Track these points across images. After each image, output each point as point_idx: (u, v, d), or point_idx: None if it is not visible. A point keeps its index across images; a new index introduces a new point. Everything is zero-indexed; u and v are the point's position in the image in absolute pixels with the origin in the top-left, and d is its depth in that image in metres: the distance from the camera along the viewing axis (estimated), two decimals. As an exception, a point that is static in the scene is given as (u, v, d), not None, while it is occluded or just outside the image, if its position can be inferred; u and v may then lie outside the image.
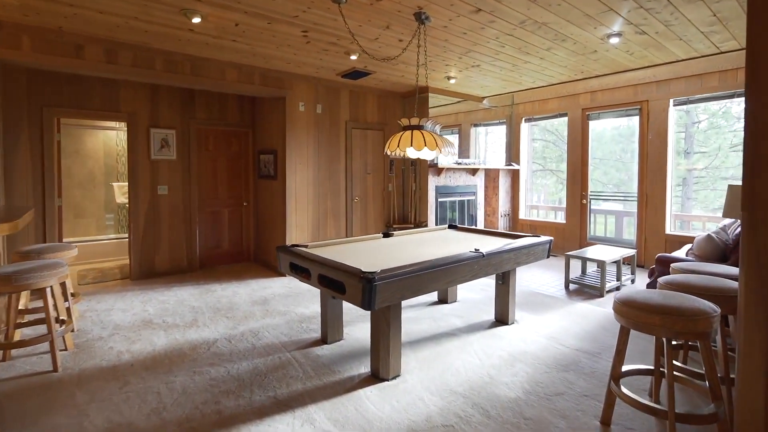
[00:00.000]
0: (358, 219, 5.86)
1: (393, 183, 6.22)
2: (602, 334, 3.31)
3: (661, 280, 2.42)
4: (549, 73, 5.37)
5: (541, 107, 6.99)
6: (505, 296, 3.51)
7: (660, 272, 3.75)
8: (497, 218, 6.98)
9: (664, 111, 5.58)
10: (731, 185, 2.97)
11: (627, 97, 5.91)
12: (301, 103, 5.27)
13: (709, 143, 9.96)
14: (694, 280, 2.32)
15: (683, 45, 4.19)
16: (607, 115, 6.32)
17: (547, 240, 3.53)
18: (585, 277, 4.81)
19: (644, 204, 5.77)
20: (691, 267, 2.71)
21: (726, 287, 2.18)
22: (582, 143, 6.47)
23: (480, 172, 6.84)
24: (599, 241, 6.32)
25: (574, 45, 4.16)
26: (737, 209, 2.89)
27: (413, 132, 3.04)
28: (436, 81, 5.78)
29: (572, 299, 4.26)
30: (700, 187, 9.88)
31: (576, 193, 6.50)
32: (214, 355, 2.89)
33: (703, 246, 3.65)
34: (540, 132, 12.21)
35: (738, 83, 4.96)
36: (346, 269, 2.36)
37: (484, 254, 2.88)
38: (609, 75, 5.62)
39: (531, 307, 3.97)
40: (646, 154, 5.76)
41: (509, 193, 7.31)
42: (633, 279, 4.94)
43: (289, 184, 5.15)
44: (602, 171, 11.58)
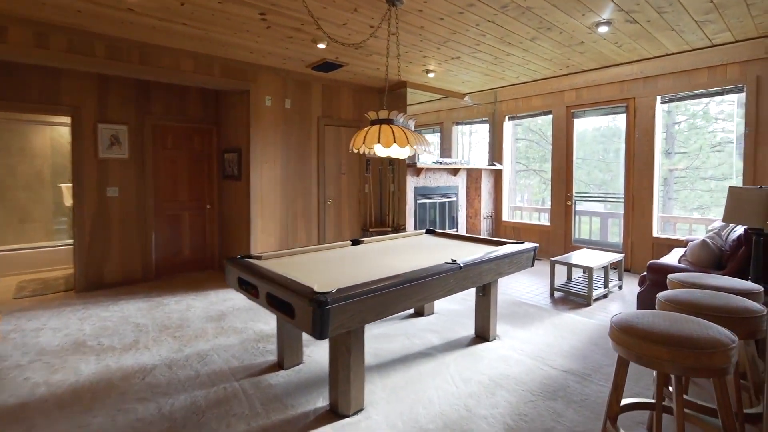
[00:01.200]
0: (332, 222, 5.46)
1: (370, 184, 5.85)
2: (591, 350, 3.01)
3: (662, 297, 2.11)
4: (533, 67, 5.07)
5: (525, 105, 6.71)
6: (486, 309, 3.18)
7: (652, 281, 3.47)
8: (480, 220, 6.68)
9: (651, 109, 5.35)
10: (732, 187, 2.69)
11: (613, 94, 5.67)
12: (268, 97, 4.85)
13: (690, 144, 9.94)
14: (700, 297, 2.01)
15: (674, 36, 3.93)
16: (592, 113, 6.07)
17: (532, 247, 3.21)
18: (571, 284, 4.53)
19: (631, 205, 5.53)
20: (692, 279, 2.41)
21: (740, 307, 1.88)
22: (567, 142, 6.21)
23: (462, 173, 6.53)
24: (584, 244, 6.08)
25: (559, 35, 3.86)
26: (741, 214, 2.61)
27: (381, 127, 2.67)
28: (414, 75, 5.43)
29: (558, 309, 3.96)
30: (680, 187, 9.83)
31: (561, 194, 6.24)
32: (148, 386, 2.46)
33: (697, 252, 3.39)
34: (523, 132, 12.02)
35: (728, 79, 4.75)
36: (295, 288, 1.97)
37: (461, 265, 2.54)
38: (595, 70, 5.36)
39: (514, 319, 3.65)
40: (633, 154, 5.52)
41: (492, 195, 7.02)
42: (620, 285, 4.68)
43: (253, 184, 4.73)
44: (585, 171, 11.45)
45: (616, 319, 1.75)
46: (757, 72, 4.53)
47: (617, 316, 1.78)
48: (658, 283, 3.42)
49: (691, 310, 1.94)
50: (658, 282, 3.42)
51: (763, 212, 2.54)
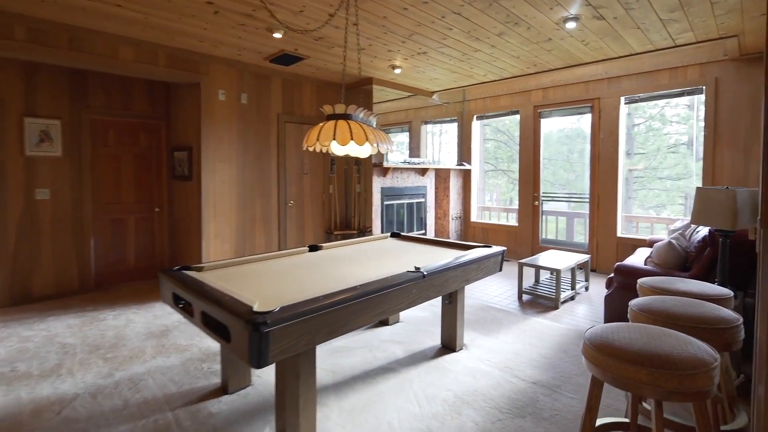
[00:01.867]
0: (294, 226, 5.16)
1: (334, 184, 5.58)
2: (560, 358, 2.88)
3: (635, 306, 1.98)
4: (501, 65, 4.96)
5: (493, 104, 6.64)
6: (453, 318, 3.00)
7: (619, 283, 3.40)
8: (448, 221, 6.54)
9: (615, 109, 5.37)
10: (700, 189, 2.63)
11: (579, 94, 5.67)
12: (222, 91, 4.50)
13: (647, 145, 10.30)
14: (674, 306, 1.89)
15: (640, 35, 3.90)
16: (559, 113, 6.07)
17: (500, 251, 3.06)
18: (539, 287, 4.44)
19: (596, 205, 5.54)
20: (662, 285, 2.31)
21: (716, 317, 1.76)
22: (534, 142, 6.17)
23: (430, 173, 6.37)
24: (551, 245, 6.05)
25: (527, 30, 3.74)
26: (709, 216, 2.54)
27: (338, 122, 2.43)
28: (380, 71, 5.22)
29: (526, 313, 3.84)
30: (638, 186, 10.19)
31: (528, 195, 6.20)
32: (63, 422, 2.11)
33: (663, 254, 3.34)
34: (492, 132, 12.06)
35: (688, 81, 4.81)
36: (231, 307, 1.70)
37: (424, 274, 2.33)
38: (562, 70, 5.32)
39: (482, 325, 3.49)
40: (598, 154, 5.53)
41: (461, 195, 6.90)
42: (587, 286, 4.64)
43: (205, 185, 4.36)
44: (551, 171, 11.64)
45: (590, 335, 1.59)
46: (716, 74, 4.61)
47: (591, 331, 1.62)
48: (626, 285, 3.35)
49: (666, 320, 1.81)
50: (626, 284, 3.35)
51: (731, 214, 2.48)
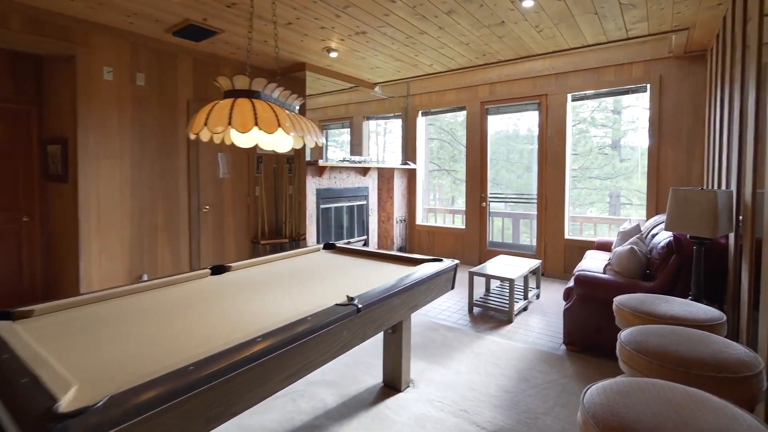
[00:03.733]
0: (210, 235, 4.33)
1: (261, 186, 4.82)
2: (522, 391, 2.44)
3: (627, 344, 1.54)
4: (448, 52, 4.51)
5: (439, 99, 6.22)
6: (397, 351, 2.44)
7: (580, 295, 3.05)
8: (392, 225, 6.03)
9: (562, 106, 5.15)
10: (676, 189, 2.29)
11: (526, 90, 5.40)
12: (108, 69, 3.58)
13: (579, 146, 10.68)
14: (676, 344, 1.47)
15: (595, 23, 3.61)
16: (506, 110, 5.78)
17: (451, 267, 2.55)
18: (490, 297, 4.04)
19: (544, 206, 5.30)
20: (644, 307, 1.92)
21: (734, 360, 1.35)
22: (481, 140, 5.83)
23: (372, 172, 5.80)
24: (499, 248, 5.76)
25: (480, 9, 3.29)
26: (687, 221, 2.21)
27: (236, 101, 1.75)
28: (314, 54, 4.55)
29: (479, 330, 3.40)
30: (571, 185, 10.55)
31: (475, 196, 5.86)
32: None
33: (625, 262, 3.04)
34: (436, 131, 11.84)
35: (632, 78, 4.68)
36: (15, 403, 0.98)
37: (359, 307, 1.74)
38: (510, 64, 5.00)
39: (431, 351, 2.98)
40: (545, 153, 5.29)
41: (405, 196, 6.42)
42: (538, 294, 4.34)
43: (85, 188, 3.43)
44: (495, 171, 11.63)
45: (595, 414, 1.08)
46: (660, 71, 4.50)
47: (593, 405, 1.12)
48: (587, 297, 3.00)
49: (676, 367, 1.38)
50: (587, 296, 3.01)
51: (711, 219, 2.16)
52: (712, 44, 3.84)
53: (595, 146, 10.66)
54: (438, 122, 11.14)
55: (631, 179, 9.67)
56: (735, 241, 2.39)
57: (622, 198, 10.37)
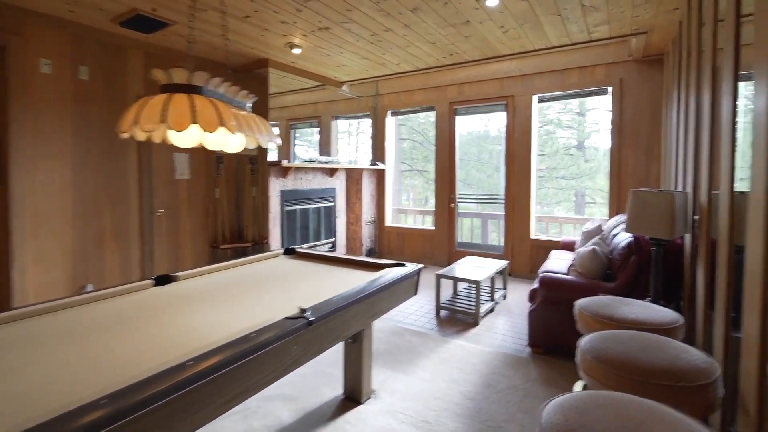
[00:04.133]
0: (165, 240, 4.08)
1: (222, 187, 4.60)
2: (486, 397, 2.38)
3: (587, 352, 1.50)
4: (415, 51, 4.44)
5: (408, 99, 6.16)
6: (358, 360, 2.33)
7: (544, 297, 3.04)
8: (361, 226, 5.92)
9: (528, 108, 5.19)
10: (636, 191, 2.30)
11: (494, 91, 5.42)
12: (45, 61, 3.29)
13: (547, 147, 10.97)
14: (635, 351, 1.43)
15: (559, 25, 3.62)
16: (475, 111, 5.79)
17: (414, 271, 2.46)
18: (458, 299, 4.00)
19: (512, 207, 5.33)
20: (605, 311, 1.89)
21: (690, 367, 1.33)
22: (449, 140, 5.81)
23: (340, 173, 5.67)
24: (467, 248, 5.75)
25: (444, 7, 3.22)
26: (647, 223, 2.21)
27: (173, 97, 1.60)
28: (277, 50, 4.38)
29: (445, 334, 3.35)
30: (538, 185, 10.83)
31: (444, 196, 5.83)
32: None
33: (588, 263, 3.05)
34: (408, 132, 11.82)
35: (595, 81, 4.76)
36: None
37: (311, 320, 1.62)
38: (477, 64, 5.00)
39: (395, 357, 2.89)
40: (513, 153, 5.32)
41: (375, 197, 6.32)
42: (505, 294, 4.33)
43: (18, 190, 3.13)
44: (465, 171, 11.75)
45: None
46: (621, 74, 4.60)
47: (550, 425, 1.05)
48: (552, 299, 3.00)
49: (634, 377, 1.34)
50: (552, 298, 3.00)
51: (669, 220, 2.17)
52: (669, 48, 3.94)
53: (561, 147, 10.96)
54: (410, 122, 11.12)
55: (595, 179, 9.96)
56: (691, 241, 2.43)
57: (587, 197, 10.68)
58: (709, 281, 2.02)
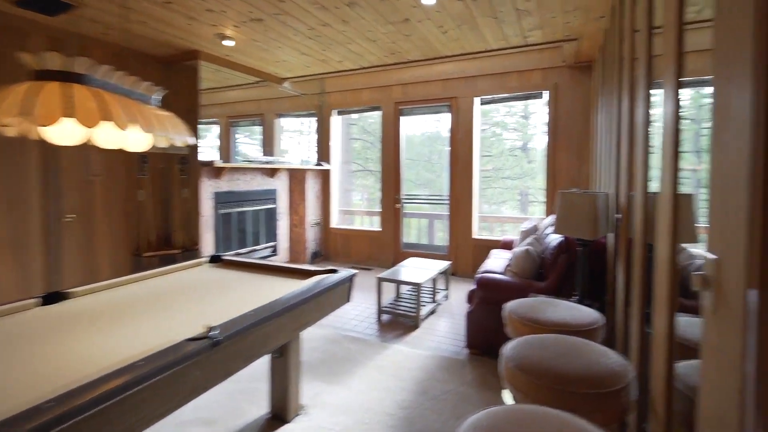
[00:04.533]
0: (75, 249, 3.65)
1: (147, 189, 4.22)
2: (420, 404, 2.32)
3: (509, 360, 1.46)
4: (356, 49, 4.34)
5: (354, 98, 6.04)
6: (285, 376, 2.18)
7: (481, 298, 3.04)
8: (305, 229, 5.72)
9: (470, 109, 5.26)
10: (563, 192, 2.33)
11: (438, 92, 5.44)
12: None
13: (493, 148, 11.35)
14: (555, 358, 1.41)
15: (495, 27, 3.66)
16: (420, 111, 5.78)
17: (346, 277, 2.35)
18: (400, 302, 3.94)
19: (456, 207, 5.38)
20: (531, 314, 1.89)
21: (606, 371, 1.32)
22: (395, 140, 5.76)
23: (281, 174, 5.43)
24: (413, 249, 5.75)
25: (381, 3, 3.14)
26: (573, 224, 2.25)
27: (46, 86, 1.36)
28: (206, 42, 4.08)
29: (385, 339, 3.27)
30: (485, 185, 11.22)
31: (390, 197, 5.78)
32: None
33: (521, 263, 3.10)
34: (359, 131, 11.72)
35: (533, 84, 4.91)
36: None
37: (217, 340, 1.45)
38: (421, 65, 5.00)
39: (330, 367, 2.76)
40: (456, 154, 5.37)
41: (320, 198, 6.14)
42: (447, 295, 4.34)
43: None
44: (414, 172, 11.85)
45: None
46: (555, 79, 4.77)
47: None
48: (489, 300, 3.01)
49: (553, 385, 1.31)
50: (488, 299, 3.01)
51: (591, 220, 2.22)
52: (597, 56, 4.13)
53: (506, 149, 11.39)
54: (361, 122, 11.02)
55: (536, 179, 10.43)
56: (615, 241, 2.51)
57: (530, 196, 11.18)
58: (627, 280, 2.08)
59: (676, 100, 1.22)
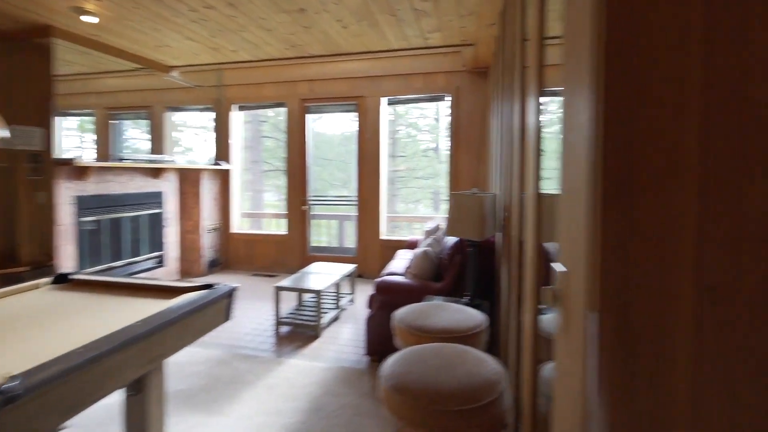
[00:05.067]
0: None
1: (-17, 190, 3.41)
2: (312, 423, 2.13)
3: (386, 379, 1.34)
4: (251, 38, 4.00)
5: (257, 93, 5.62)
6: (143, 416, 1.83)
7: (381, 303, 2.95)
8: (201, 235, 5.17)
9: (377, 109, 5.20)
10: (454, 194, 2.31)
11: (345, 90, 5.28)
12: None
13: (407, 149, 11.62)
14: (434, 375, 1.31)
15: (395, 26, 3.61)
16: (327, 109, 5.59)
17: (223, 293, 2.06)
18: (302, 310, 3.70)
19: (364, 208, 5.28)
20: (417, 323, 1.80)
21: (481, 382, 1.25)
22: (301, 139, 5.49)
23: (169, 174, 4.83)
24: (322, 252, 5.54)
25: (264, -14, 2.88)
26: (462, 226, 2.23)
27: None
28: (60, 16, 3.43)
29: (282, 353, 3.02)
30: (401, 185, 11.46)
31: (296, 199, 5.49)
32: None
33: (420, 264, 3.07)
34: (271, 129, 11.14)
35: (437, 87, 4.99)
36: None
37: (12, 395, 1.10)
38: (326, 61, 4.83)
39: (211, 394, 2.44)
40: (364, 154, 5.28)
41: (219, 201, 5.62)
42: (353, 299, 4.21)
43: None
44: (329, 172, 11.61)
45: None
46: (457, 83, 4.90)
47: None
48: (388, 304, 2.91)
49: (430, 405, 1.21)
50: (388, 303, 2.92)
51: (478, 221, 2.22)
52: (492, 62, 4.31)
53: (420, 149, 11.71)
54: (273, 120, 10.48)
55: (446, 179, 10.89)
56: (501, 240, 2.57)
57: (441, 195, 11.62)
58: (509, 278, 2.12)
59: (537, 109, 1.22)
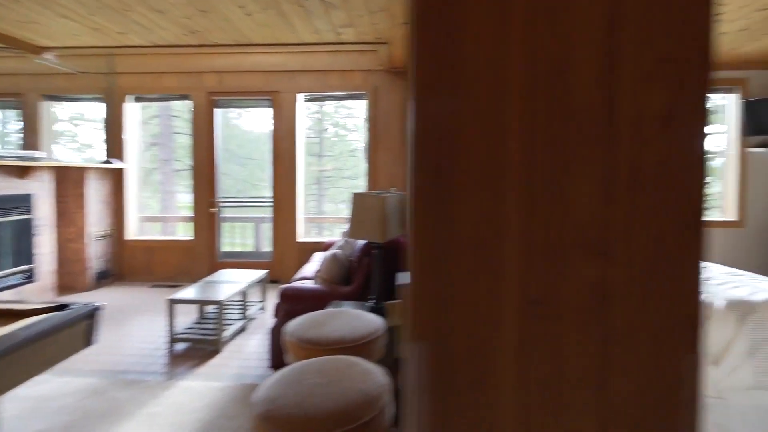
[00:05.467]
0: None
1: None
2: (200, 458, 1.88)
3: (258, 399, 1.16)
4: (140, 20, 3.56)
5: (156, 83, 5.06)
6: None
7: (286, 312, 2.74)
8: (86, 244, 4.50)
9: (293, 106, 4.96)
10: (356, 194, 2.20)
11: (258, 84, 4.97)
12: None
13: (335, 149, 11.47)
14: (308, 397, 1.17)
15: (304, 17, 3.43)
16: (239, 104, 5.23)
17: (81, 314, 1.72)
18: (204, 324, 3.35)
19: (279, 210, 5.01)
20: (308, 335, 1.65)
21: (358, 400, 1.13)
22: (209, 135, 5.05)
23: (41, 174, 4.12)
24: (234, 258, 5.15)
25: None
26: (364, 227, 2.12)
27: None
28: None
29: (173, 374, 2.68)
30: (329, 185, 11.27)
31: (204, 201, 5.04)
32: None
33: (329, 267, 2.92)
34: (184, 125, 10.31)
35: (354, 85, 4.89)
36: None
37: None
38: (236, 52, 4.50)
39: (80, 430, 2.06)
40: (279, 152, 5.00)
41: (111, 204, 4.96)
42: (264, 307, 3.92)
43: None
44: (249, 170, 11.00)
45: None
46: (375, 82, 4.84)
47: None
48: (293, 312, 2.71)
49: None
50: (294, 311, 2.71)
51: (380, 223, 2.13)
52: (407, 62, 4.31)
53: (347, 149, 11.58)
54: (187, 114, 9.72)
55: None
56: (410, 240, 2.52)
57: (367, 196, 11.63)
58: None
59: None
